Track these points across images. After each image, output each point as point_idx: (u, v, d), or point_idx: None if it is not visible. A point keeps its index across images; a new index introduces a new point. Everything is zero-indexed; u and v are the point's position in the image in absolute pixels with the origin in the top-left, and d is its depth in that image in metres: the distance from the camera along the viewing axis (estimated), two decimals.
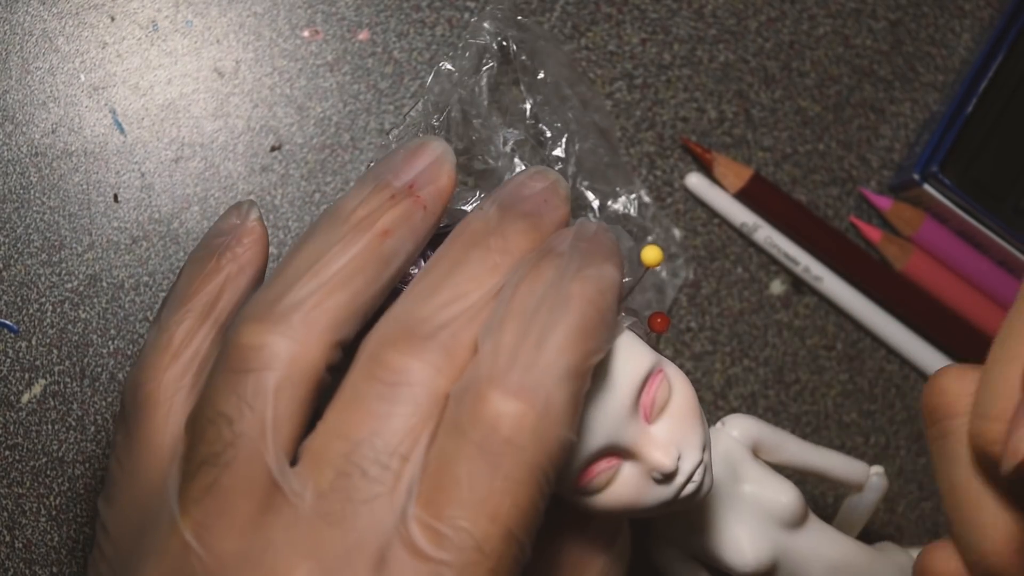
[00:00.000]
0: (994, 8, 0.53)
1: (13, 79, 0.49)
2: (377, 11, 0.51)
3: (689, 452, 0.36)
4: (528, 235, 0.35)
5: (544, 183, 0.37)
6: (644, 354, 0.36)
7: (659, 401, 0.36)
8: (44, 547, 0.48)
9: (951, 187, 0.50)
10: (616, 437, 0.35)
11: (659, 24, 0.52)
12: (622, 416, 0.35)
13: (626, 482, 0.36)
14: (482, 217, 0.36)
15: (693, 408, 0.36)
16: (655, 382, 0.36)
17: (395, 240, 0.35)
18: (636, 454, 0.35)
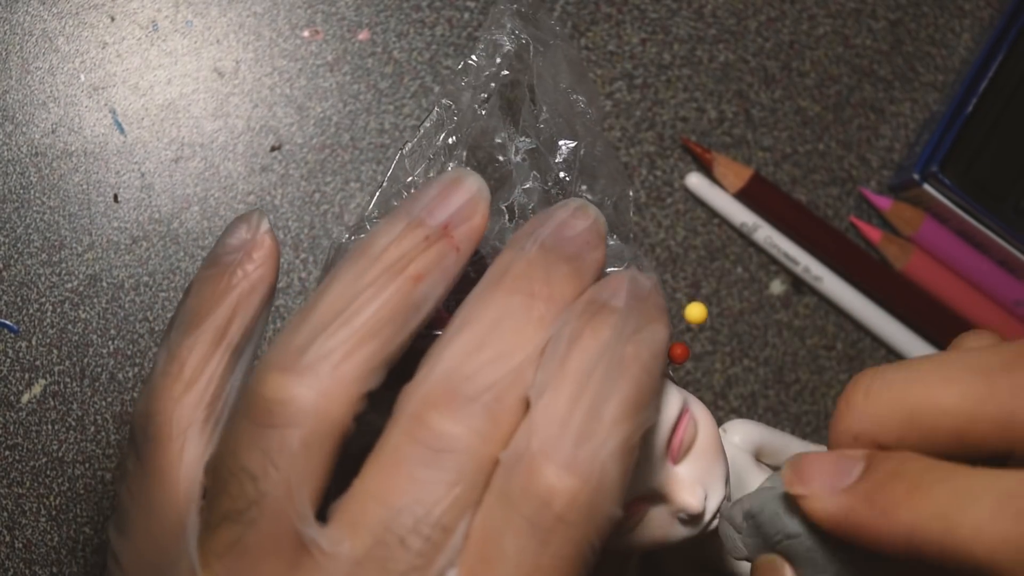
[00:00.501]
0: (994, 8, 0.53)
1: (13, 79, 0.49)
2: (377, 11, 0.51)
3: (714, 490, 0.36)
4: (573, 282, 0.34)
5: (587, 222, 0.35)
6: (674, 398, 0.36)
7: (687, 442, 0.36)
8: (44, 547, 0.48)
9: (951, 187, 0.50)
10: (647, 485, 0.35)
11: (659, 24, 0.52)
12: (654, 464, 0.35)
13: (653, 524, 0.36)
14: (523, 258, 0.34)
15: (716, 444, 0.36)
16: (683, 424, 0.36)
17: (427, 286, 0.33)
18: (664, 497, 0.35)
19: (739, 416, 0.51)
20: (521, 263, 0.34)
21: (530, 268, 0.34)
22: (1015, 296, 0.52)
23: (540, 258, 0.34)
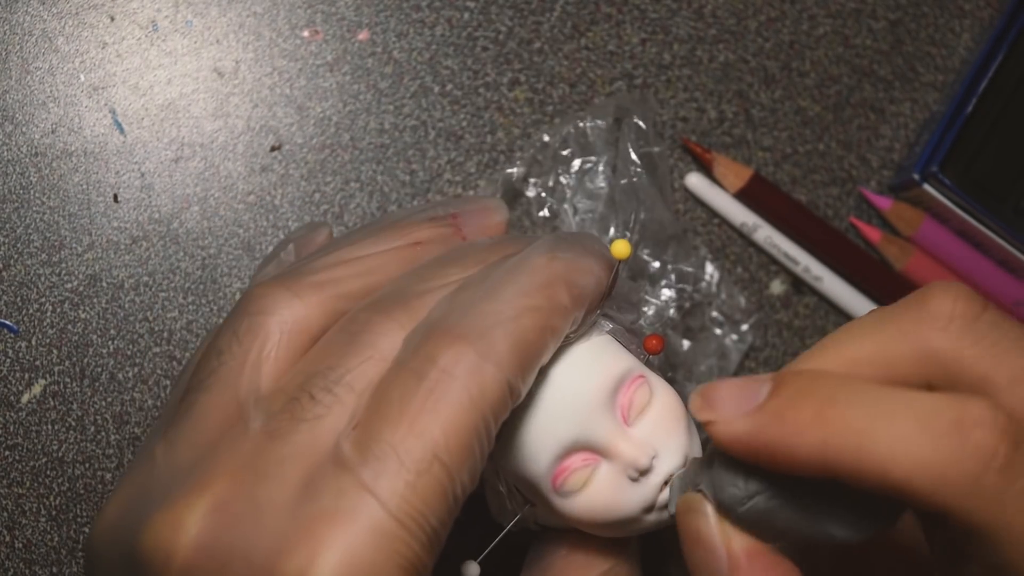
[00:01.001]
0: (994, 8, 0.53)
1: (13, 79, 0.49)
2: (377, 11, 0.51)
3: (668, 454, 0.36)
4: (523, 241, 0.37)
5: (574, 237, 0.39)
6: (622, 357, 0.36)
7: (637, 403, 0.36)
8: (44, 547, 0.48)
9: (951, 187, 0.50)
10: (588, 431, 0.35)
11: (659, 24, 0.52)
12: (594, 410, 0.35)
13: (603, 482, 0.36)
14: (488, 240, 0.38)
15: (677, 415, 0.36)
16: (633, 384, 0.36)
17: (424, 250, 0.37)
18: (610, 451, 0.36)
19: None
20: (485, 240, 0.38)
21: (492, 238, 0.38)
22: (1015, 296, 0.52)
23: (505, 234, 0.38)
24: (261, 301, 0.35)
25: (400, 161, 0.50)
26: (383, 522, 0.31)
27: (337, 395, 0.33)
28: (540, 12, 0.51)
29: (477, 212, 0.39)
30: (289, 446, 0.32)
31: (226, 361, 0.35)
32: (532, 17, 0.51)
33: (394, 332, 0.34)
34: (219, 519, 0.31)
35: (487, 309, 0.33)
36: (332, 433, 0.32)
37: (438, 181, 0.50)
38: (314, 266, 0.36)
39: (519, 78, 0.51)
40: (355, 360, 0.33)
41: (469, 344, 0.32)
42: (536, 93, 0.51)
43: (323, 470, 0.32)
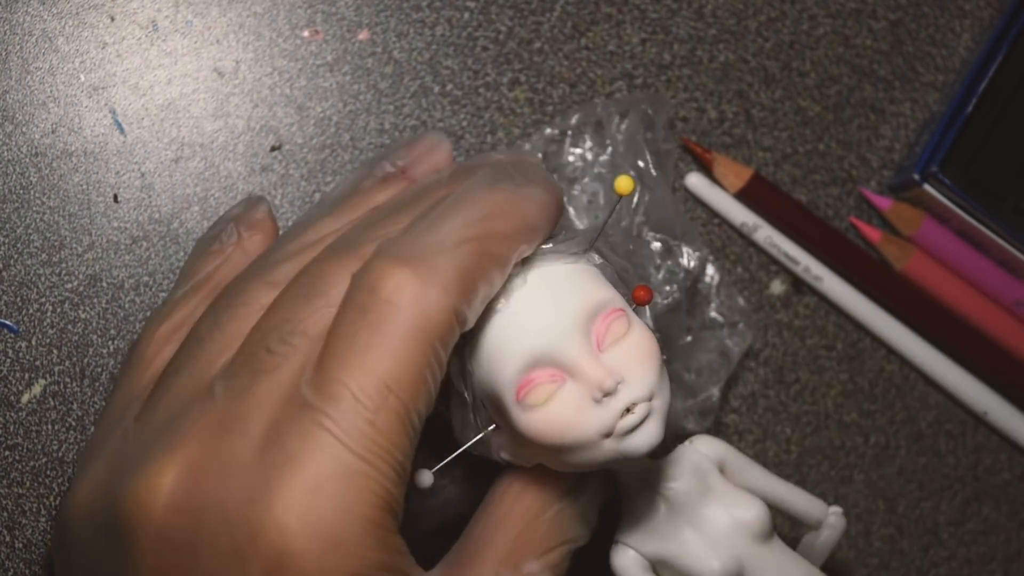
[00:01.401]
0: (994, 8, 0.53)
1: (13, 79, 0.49)
2: (377, 11, 0.51)
3: (634, 383, 0.36)
4: (464, 175, 0.37)
5: (508, 155, 0.39)
6: (605, 288, 0.37)
7: (613, 332, 0.36)
8: (44, 547, 0.48)
9: (951, 187, 0.50)
10: (558, 348, 0.35)
11: (659, 24, 0.52)
12: (568, 329, 0.36)
13: (566, 400, 0.36)
14: (435, 177, 0.38)
15: (649, 351, 0.36)
16: (611, 315, 0.36)
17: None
18: (577, 371, 0.36)
19: (738, 416, 0.51)
20: (432, 179, 0.38)
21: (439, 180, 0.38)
22: (1015, 296, 0.52)
23: (448, 173, 0.38)
24: (242, 295, 0.36)
25: None
26: (349, 461, 0.31)
27: (293, 344, 0.33)
28: (540, 12, 0.51)
29: (423, 156, 0.39)
30: (251, 399, 0.33)
31: (206, 347, 0.35)
32: (532, 17, 0.51)
33: (345, 279, 0.34)
34: (190, 477, 0.32)
35: (428, 240, 0.33)
36: (291, 379, 0.33)
37: None
38: (283, 253, 0.37)
39: (519, 78, 0.51)
40: (307, 310, 0.34)
41: (411, 271, 0.33)
42: (536, 93, 0.51)
43: (286, 415, 0.32)
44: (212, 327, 0.36)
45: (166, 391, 0.35)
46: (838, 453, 0.52)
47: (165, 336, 0.39)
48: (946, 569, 0.52)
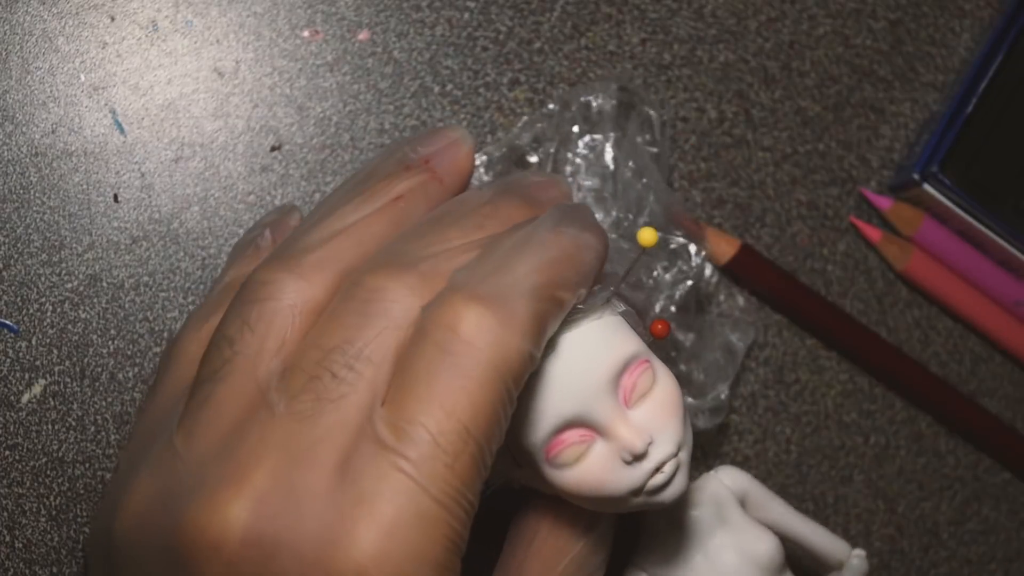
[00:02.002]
0: (994, 8, 0.53)
1: (13, 79, 0.49)
2: (377, 11, 0.51)
3: (663, 442, 0.36)
4: (520, 208, 0.37)
5: (543, 178, 0.39)
6: (631, 340, 0.37)
7: (640, 387, 0.36)
8: (44, 547, 0.48)
9: (951, 187, 0.50)
10: (589, 409, 0.36)
11: (659, 24, 0.52)
12: (598, 389, 0.36)
13: (596, 460, 0.36)
14: (477, 193, 0.38)
15: (675, 404, 0.37)
16: (638, 369, 0.36)
17: (407, 204, 0.37)
18: (608, 432, 0.36)
19: (738, 416, 0.51)
20: (475, 194, 0.38)
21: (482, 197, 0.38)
22: (1015, 296, 0.52)
23: (492, 191, 0.38)
24: (268, 287, 0.35)
25: None
26: (426, 505, 0.31)
27: (359, 371, 0.33)
28: (540, 12, 0.51)
29: (446, 149, 0.39)
30: (319, 428, 0.32)
31: (240, 350, 0.34)
32: (532, 17, 0.51)
33: (406, 298, 0.34)
34: (261, 509, 0.31)
35: (504, 280, 0.33)
36: (359, 410, 0.32)
37: None
38: (308, 242, 0.36)
39: (519, 78, 0.51)
40: (371, 331, 0.33)
41: (491, 312, 0.32)
42: (536, 93, 0.51)
43: (359, 452, 0.32)
44: (241, 326, 0.35)
45: (209, 400, 0.34)
46: (838, 453, 0.52)
47: (204, 340, 0.38)
48: (946, 569, 0.52)
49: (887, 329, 0.52)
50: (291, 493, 0.32)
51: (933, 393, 0.51)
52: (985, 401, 0.52)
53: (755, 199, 0.52)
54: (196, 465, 0.33)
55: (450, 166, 0.39)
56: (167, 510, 0.33)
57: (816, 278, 0.52)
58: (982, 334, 0.52)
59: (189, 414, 0.35)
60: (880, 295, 0.52)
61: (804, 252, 0.52)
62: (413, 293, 0.34)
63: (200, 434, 0.34)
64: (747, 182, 0.52)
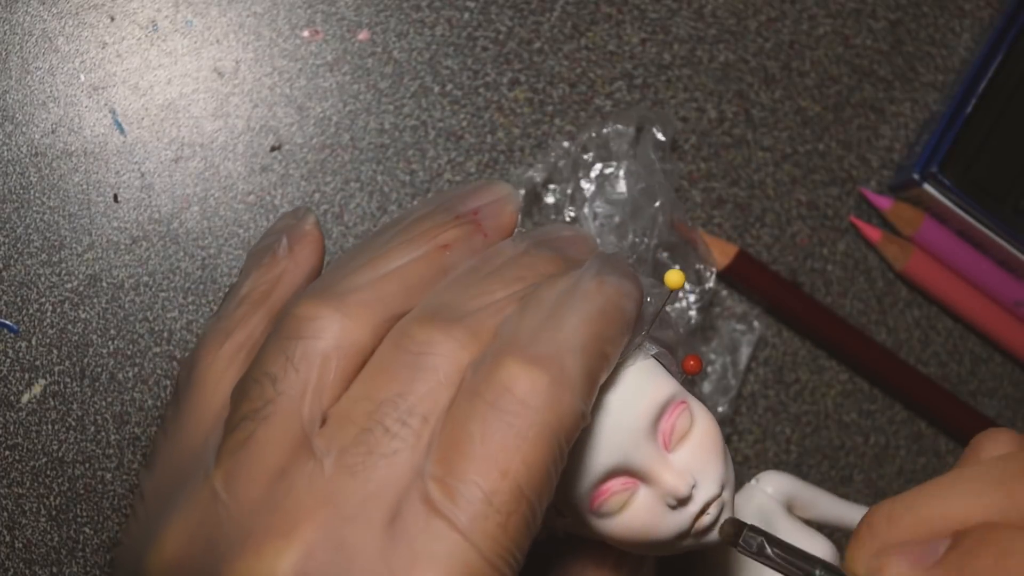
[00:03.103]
0: (994, 8, 0.53)
1: (13, 79, 0.49)
2: (377, 11, 0.51)
3: (706, 483, 0.36)
4: (554, 262, 0.37)
5: (573, 232, 0.39)
6: (666, 383, 0.37)
7: (679, 430, 0.36)
8: (44, 547, 0.48)
9: (951, 187, 0.50)
10: (630, 457, 0.36)
11: (659, 24, 0.52)
12: (637, 436, 0.36)
13: (641, 507, 0.36)
14: (512, 245, 0.38)
15: (715, 443, 0.37)
16: (676, 411, 0.36)
17: (453, 254, 0.37)
18: (651, 478, 0.36)
19: (738, 416, 0.51)
20: (509, 246, 0.38)
21: (516, 248, 0.37)
22: (1015, 296, 0.52)
23: (526, 244, 0.38)
24: (312, 324, 0.34)
25: (400, 161, 0.50)
26: (478, 565, 0.31)
27: (411, 427, 0.33)
28: (540, 12, 0.51)
29: (494, 204, 0.39)
30: (371, 484, 0.32)
31: (284, 390, 0.34)
32: (532, 17, 0.51)
33: (455, 352, 0.33)
34: (310, 564, 0.31)
35: (554, 336, 0.33)
36: (410, 467, 0.32)
37: (438, 181, 0.50)
38: (354, 281, 0.36)
39: (519, 78, 0.51)
40: (423, 385, 0.33)
41: (545, 371, 0.32)
42: (536, 93, 0.51)
43: (409, 509, 0.32)
44: (285, 365, 0.34)
45: (251, 441, 0.34)
46: (838, 453, 0.52)
47: (228, 358, 0.37)
48: None
49: (887, 329, 0.52)
50: (341, 549, 0.31)
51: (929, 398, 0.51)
52: (985, 401, 0.52)
53: (755, 199, 0.52)
54: (240, 512, 0.33)
55: (496, 222, 0.38)
56: (209, 556, 0.33)
57: (816, 278, 0.52)
58: (982, 334, 0.52)
59: (228, 454, 0.34)
60: (880, 295, 0.52)
61: (804, 252, 0.52)
62: (463, 348, 0.34)
63: (242, 477, 0.33)
64: (747, 182, 0.52)
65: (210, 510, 0.33)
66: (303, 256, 0.39)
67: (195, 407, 0.37)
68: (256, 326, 0.38)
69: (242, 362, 0.37)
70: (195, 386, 0.37)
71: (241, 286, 0.39)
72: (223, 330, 0.38)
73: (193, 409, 0.37)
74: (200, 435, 0.36)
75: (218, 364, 0.37)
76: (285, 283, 0.39)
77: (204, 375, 0.38)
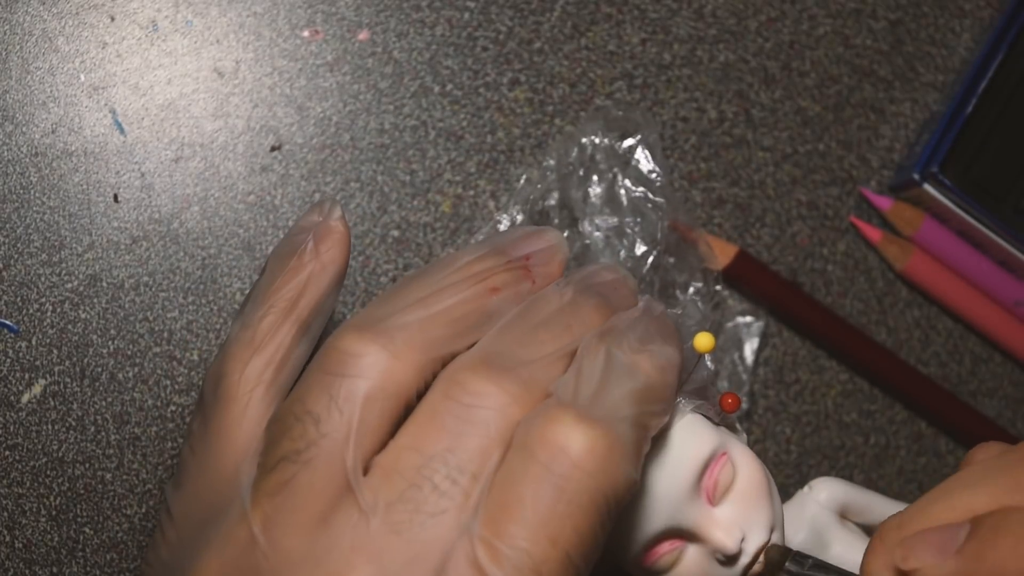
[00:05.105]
0: (994, 8, 0.53)
1: (13, 79, 0.49)
2: (377, 11, 0.51)
3: (755, 533, 0.36)
4: (599, 310, 0.36)
5: (614, 275, 0.38)
6: (706, 437, 0.36)
7: (722, 484, 0.36)
8: (44, 547, 0.48)
9: (951, 187, 0.50)
10: (678, 519, 0.35)
11: (659, 24, 0.52)
12: (683, 498, 0.35)
13: (691, 563, 0.36)
14: (558, 292, 0.37)
15: (760, 488, 0.36)
16: (717, 465, 0.36)
17: (501, 299, 0.36)
18: (699, 536, 0.36)
19: (738, 415, 0.51)
20: (555, 294, 0.37)
21: (562, 297, 0.37)
22: (1015, 296, 0.52)
23: (571, 291, 0.37)
24: (357, 362, 0.33)
25: (400, 161, 0.50)
26: None
27: (461, 485, 0.32)
28: (540, 12, 0.51)
29: (544, 252, 0.38)
30: (416, 544, 0.31)
31: (327, 432, 0.33)
32: (532, 17, 0.51)
33: (507, 407, 0.33)
34: None
35: (606, 403, 0.33)
36: (457, 526, 0.32)
37: (438, 181, 0.50)
38: (401, 319, 0.34)
39: (519, 78, 0.51)
40: (473, 441, 0.32)
41: (602, 435, 0.32)
42: (536, 93, 0.51)
43: (455, 572, 0.31)
44: (329, 404, 0.33)
45: (292, 485, 0.33)
46: (838, 453, 0.52)
47: (258, 374, 0.36)
48: None
49: (887, 329, 0.52)
50: None
51: (929, 398, 0.51)
52: (985, 401, 0.52)
53: (755, 199, 0.52)
54: (279, 562, 0.32)
55: (545, 269, 0.38)
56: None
57: (816, 278, 0.52)
58: (982, 334, 0.52)
59: (267, 496, 0.33)
60: (880, 295, 0.52)
61: (804, 252, 0.52)
62: (514, 402, 0.33)
63: (282, 524, 0.32)
64: (747, 182, 0.52)
65: (247, 554, 0.32)
66: (329, 256, 0.38)
67: (224, 426, 0.36)
68: (284, 338, 0.37)
69: (272, 377, 0.36)
70: (223, 403, 0.36)
71: (266, 289, 0.38)
72: (250, 341, 0.37)
73: (222, 428, 0.36)
74: (231, 459, 0.35)
75: (246, 380, 0.36)
76: (312, 288, 0.37)
77: (233, 391, 0.36)
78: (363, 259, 0.50)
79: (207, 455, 0.36)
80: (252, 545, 0.32)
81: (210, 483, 0.35)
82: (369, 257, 0.50)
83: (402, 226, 0.50)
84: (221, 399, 0.36)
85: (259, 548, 0.32)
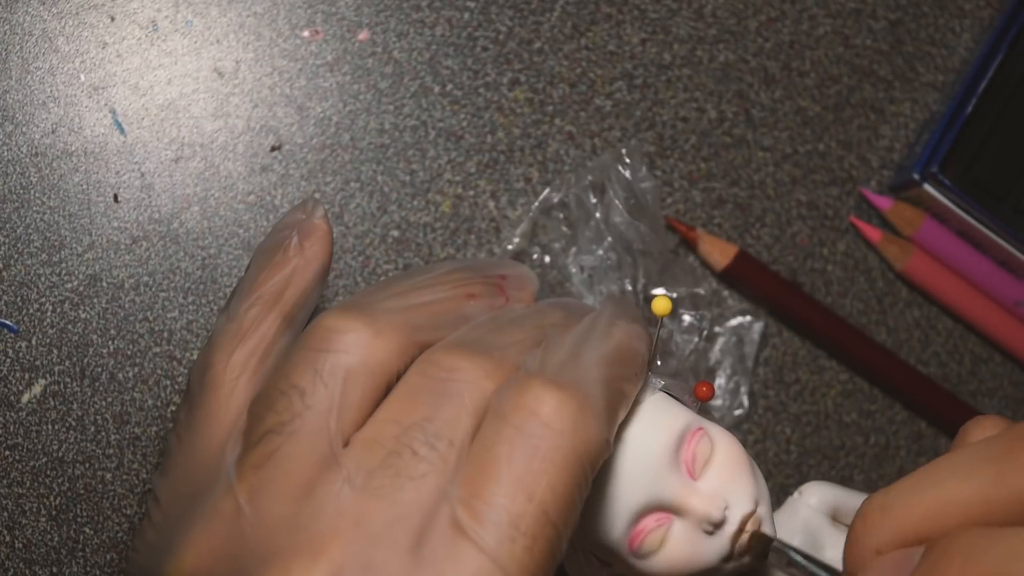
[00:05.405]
0: (994, 8, 0.53)
1: (13, 79, 0.49)
2: (377, 11, 0.51)
3: (738, 502, 0.36)
4: (566, 316, 0.38)
5: (579, 303, 0.40)
6: (679, 413, 0.37)
7: (700, 456, 0.37)
8: (44, 547, 0.48)
9: (951, 187, 0.50)
10: (657, 492, 0.36)
11: (659, 24, 0.52)
12: (661, 471, 0.36)
13: (679, 539, 0.36)
14: (523, 305, 0.39)
15: (740, 461, 0.37)
16: (694, 439, 0.37)
17: (476, 305, 0.38)
18: (682, 508, 0.36)
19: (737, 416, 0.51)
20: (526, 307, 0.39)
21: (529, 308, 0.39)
22: (1015, 296, 0.52)
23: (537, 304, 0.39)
24: (342, 338, 0.35)
25: (400, 161, 0.50)
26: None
27: (439, 450, 0.33)
28: (540, 12, 0.51)
29: (517, 278, 0.40)
30: (398, 506, 0.32)
31: (311, 404, 0.34)
32: (532, 17, 0.51)
33: (481, 380, 0.34)
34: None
35: (575, 367, 0.34)
36: (437, 490, 0.32)
37: (438, 181, 0.50)
38: (385, 304, 0.36)
39: (519, 78, 0.51)
40: (449, 411, 0.34)
41: (571, 397, 0.33)
42: (536, 93, 0.51)
43: (435, 532, 0.32)
44: (314, 378, 0.34)
45: (277, 456, 0.34)
46: (838, 453, 0.52)
47: (242, 362, 0.37)
48: None
49: (887, 329, 0.52)
50: (368, 570, 0.31)
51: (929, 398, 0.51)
52: (985, 401, 0.52)
53: (755, 199, 0.52)
54: (265, 529, 0.33)
55: (518, 292, 0.40)
56: (232, 572, 0.33)
57: (816, 278, 0.52)
58: (982, 334, 0.52)
59: (252, 468, 0.34)
60: (880, 295, 0.52)
61: (804, 252, 0.52)
62: (487, 375, 0.34)
63: (268, 493, 0.33)
64: (747, 182, 0.52)
65: (234, 525, 0.33)
66: (312, 252, 0.39)
67: (210, 413, 0.37)
68: (269, 328, 0.38)
69: (256, 366, 0.37)
70: (208, 390, 0.37)
71: (251, 283, 0.39)
72: (235, 332, 0.38)
73: (207, 415, 0.37)
74: (216, 442, 0.36)
75: (231, 368, 0.37)
76: (296, 281, 0.39)
77: (218, 379, 0.37)
78: (363, 259, 0.50)
79: (193, 441, 0.37)
80: (238, 515, 0.33)
81: (196, 466, 0.36)
82: (369, 257, 0.50)
83: (402, 226, 0.50)
84: (207, 387, 0.37)
85: (245, 518, 0.33)
